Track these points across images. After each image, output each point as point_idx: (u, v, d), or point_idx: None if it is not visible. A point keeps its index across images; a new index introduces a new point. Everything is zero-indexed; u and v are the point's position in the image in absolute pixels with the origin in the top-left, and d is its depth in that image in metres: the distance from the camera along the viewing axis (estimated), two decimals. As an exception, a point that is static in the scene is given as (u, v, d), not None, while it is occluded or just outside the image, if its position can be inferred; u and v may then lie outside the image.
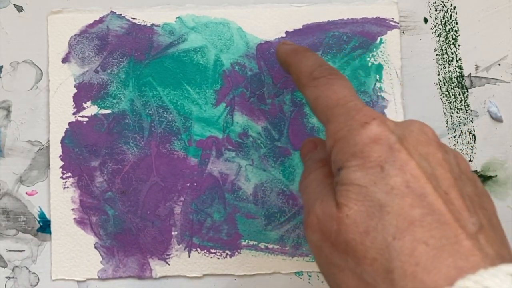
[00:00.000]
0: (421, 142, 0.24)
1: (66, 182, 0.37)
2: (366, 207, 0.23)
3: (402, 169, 0.23)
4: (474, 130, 0.38)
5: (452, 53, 0.38)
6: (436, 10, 0.38)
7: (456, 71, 0.38)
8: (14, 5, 0.38)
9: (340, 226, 0.23)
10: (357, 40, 0.37)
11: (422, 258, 0.21)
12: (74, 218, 0.37)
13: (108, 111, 0.37)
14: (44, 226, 0.37)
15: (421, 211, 0.22)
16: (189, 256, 0.37)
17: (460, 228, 0.22)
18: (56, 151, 0.37)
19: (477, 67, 0.38)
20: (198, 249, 0.37)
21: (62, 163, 0.37)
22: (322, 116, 0.27)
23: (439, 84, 0.38)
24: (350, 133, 0.24)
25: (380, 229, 0.22)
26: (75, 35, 0.38)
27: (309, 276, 0.37)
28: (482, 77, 0.38)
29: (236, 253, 0.37)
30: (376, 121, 0.24)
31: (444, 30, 0.38)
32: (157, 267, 0.37)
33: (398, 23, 0.38)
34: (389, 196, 0.23)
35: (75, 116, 0.37)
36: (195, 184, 0.37)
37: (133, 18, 0.38)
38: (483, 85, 0.38)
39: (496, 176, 0.37)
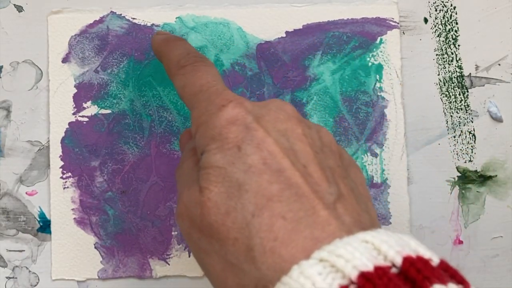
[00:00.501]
0: (280, 119, 0.25)
1: (66, 182, 0.37)
2: (226, 188, 0.23)
3: (259, 147, 0.23)
4: (474, 130, 0.38)
5: (452, 53, 0.38)
6: (436, 10, 0.38)
7: (456, 71, 0.38)
8: (14, 5, 0.38)
9: (203, 210, 0.23)
10: (357, 40, 0.37)
11: (280, 233, 0.22)
12: (74, 218, 0.37)
13: (108, 111, 0.37)
14: (44, 226, 0.37)
15: (278, 186, 0.22)
16: (189, 256, 0.37)
17: (317, 199, 0.22)
18: (56, 151, 0.37)
19: (477, 67, 0.38)
20: (198, 249, 0.37)
21: (62, 163, 0.37)
22: (188, 104, 0.27)
23: (439, 84, 0.38)
24: (209, 117, 0.25)
25: (240, 208, 0.22)
26: (75, 35, 0.38)
27: (309, 276, 0.37)
28: (482, 77, 0.38)
29: (236, 253, 0.37)
30: (233, 103, 0.25)
31: (444, 30, 0.38)
32: (157, 267, 0.37)
33: (398, 23, 0.38)
34: (247, 175, 0.23)
35: (75, 116, 0.37)
36: (195, 184, 0.37)
37: (133, 18, 0.38)
38: (483, 85, 0.38)
39: (496, 176, 0.37)
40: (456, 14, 0.38)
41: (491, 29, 0.38)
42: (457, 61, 0.38)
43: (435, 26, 0.38)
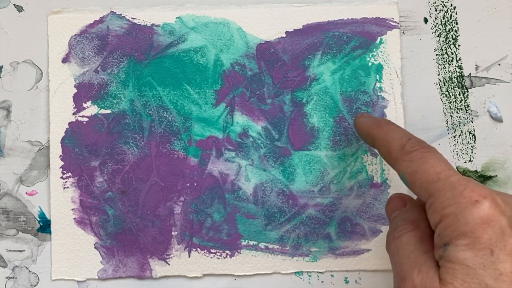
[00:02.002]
0: None
1: (66, 182, 0.37)
2: None
3: None
4: (474, 130, 0.38)
5: (452, 53, 0.38)
6: (436, 10, 0.38)
7: (456, 71, 0.38)
8: (14, 5, 0.38)
9: None
10: (357, 40, 0.37)
11: None
12: (74, 218, 0.37)
13: (108, 111, 0.37)
14: (44, 226, 0.37)
15: None
16: (189, 256, 0.37)
17: None
18: (56, 151, 0.37)
19: (477, 67, 0.38)
20: (198, 249, 0.37)
21: (62, 163, 0.37)
22: (422, 191, 0.27)
23: (439, 84, 0.38)
24: (459, 210, 0.25)
25: None
26: (75, 35, 0.38)
27: (309, 276, 0.37)
28: (482, 77, 0.38)
29: (236, 253, 0.37)
30: (488, 200, 0.24)
31: (444, 30, 0.38)
32: (157, 267, 0.37)
33: (398, 23, 0.38)
34: (497, 283, 0.23)
35: (75, 116, 0.37)
36: (195, 184, 0.37)
37: (133, 18, 0.38)
38: (483, 85, 0.38)
39: (496, 176, 0.37)
40: (456, 14, 0.38)
41: (491, 29, 0.38)
42: (457, 61, 0.38)
43: (435, 26, 0.38)
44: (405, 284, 0.26)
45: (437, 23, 0.38)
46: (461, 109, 0.38)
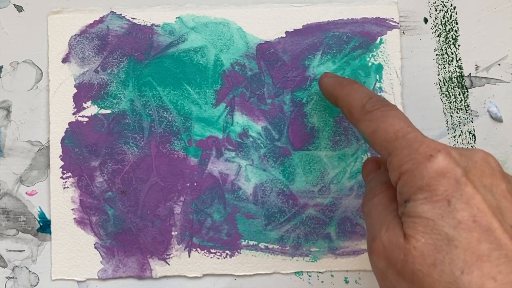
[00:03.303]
0: (486, 173, 0.25)
1: (66, 182, 0.37)
2: (433, 240, 0.24)
3: (469, 203, 0.24)
4: (474, 130, 0.38)
5: (452, 53, 0.38)
6: (436, 10, 0.38)
7: (456, 71, 0.38)
8: (14, 5, 0.38)
9: (407, 257, 0.24)
10: (357, 40, 0.37)
11: None
12: (74, 218, 0.37)
13: (108, 111, 0.37)
14: (44, 226, 0.37)
15: (488, 245, 0.23)
16: (189, 256, 0.37)
17: None
18: (56, 151, 0.37)
19: (477, 67, 0.38)
20: (198, 249, 0.37)
21: (62, 163, 0.37)
22: (382, 150, 0.27)
23: (439, 84, 0.38)
24: (415, 166, 0.25)
25: (448, 263, 0.23)
26: (75, 35, 0.38)
27: (309, 276, 0.37)
28: (482, 77, 0.38)
29: (236, 253, 0.37)
30: (442, 154, 0.25)
31: (444, 30, 0.38)
32: (157, 267, 0.37)
33: (398, 23, 0.38)
34: (457, 230, 0.23)
35: (75, 116, 0.37)
36: (195, 184, 0.37)
37: (133, 18, 0.38)
38: (483, 85, 0.38)
39: (496, 176, 0.37)
40: (456, 14, 0.38)
41: (491, 29, 0.38)
42: (457, 61, 0.38)
43: (435, 26, 0.38)
44: (375, 243, 0.26)
45: (437, 23, 0.38)
46: (461, 109, 0.38)
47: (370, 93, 0.30)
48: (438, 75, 0.38)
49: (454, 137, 0.38)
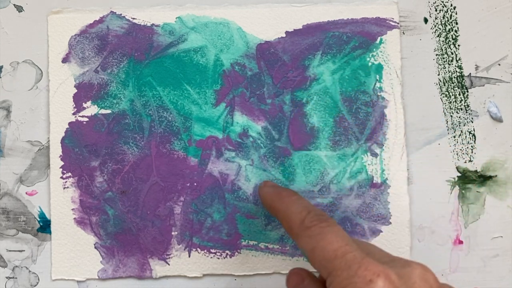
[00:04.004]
0: None
1: (66, 182, 0.37)
2: None
3: None
4: (474, 130, 0.38)
5: (452, 53, 0.38)
6: (436, 10, 0.38)
7: (456, 71, 0.38)
8: (14, 5, 0.38)
9: None
10: (357, 40, 0.37)
11: None
12: (74, 218, 0.37)
13: (108, 111, 0.37)
14: (44, 226, 0.37)
15: None
16: (189, 256, 0.37)
17: None
18: (56, 151, 0.37)
19: (477, 67, 0.38)
20: (198, 249, 0.37)
21: (62, 163, 0.37)
22: (321, 268, 0.27)
23: (439, 84, 0.38)
24: None
25: None
26: (75, 35, 0.38)
27: (309, 276, 0.37)
28: (482, 77, 0.38)
29: (236, 253, 0.37)
30: (381, 279, 0.25)
31: (444, 30, 0.38)
32: (157, 267, 0.37)
33: (398, 23, 0.38)
34: None
35: (75, 116, 0.37)
36: (195, 184, 0.37)
37: (133, 18, 0.38)
38: (483, 85, 0.38)
39: (496, 176, 0.37)
40: (456, 14, 0.38)
41: (491, 29, 0.38)
42: (457, 61, 0.38)
43: (435, 26, 0.38)
44: None
45: (437, 23, 0.38)
46: (461, 109, 0.38)
47: (309, 207, 0.29)
48: (438, 75, 0.38)
49: (454, 137, 0.38)
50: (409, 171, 0.37)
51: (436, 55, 0.38)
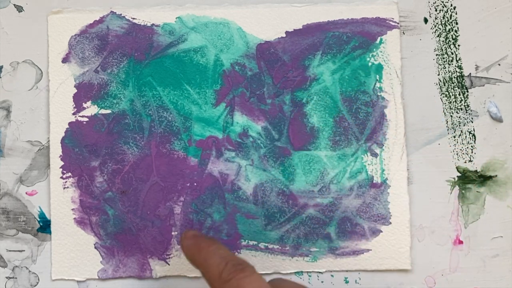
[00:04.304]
0: None
1: (66, 182, 0.37)
2: None
3: None
4: (474, 130, 0.38)
5: (452, 53, 0.38)
6: (436, 10, 0.38)
7: (456, 71, 0.38)
8: (14, 5, 0.38)
9: None
10: (357, 40, 0.37)
11: None
12: (74, 218, 0.37)
13: (108, 111, 0.37)
14: (44, 226, 0.37)
15: None
16: (189, 256, 0.37)
17: None
18: (56, 151, 0.37)
19: (477, 67, 0.38)
20: (198, 249, 0.37)
21: (62, 163, 0.37)
22: None
23: (439, 84, 0.38)
24: None
25: None
26: (75, 35, 0.38)
27: (309, 276, 0.37)
28: (482, 77, 0.38)
29: (236, 253, 0.37)
30: None
31: (444, 30, 0.38)
32: (157, 267, 0.37)
33: (398, 23, 0.38)
34: None
35: (75, 116, 0.37)
36: (195, 184, 0.37)
37: (133, 18, 0.38)
38: (483, 85, 0.38)
39: (496, 176, 0.37)
40: (456, 14, 0.38)
41: (491, 29, 0.38)
42: (457, 61, 0.38)
43: (435, 26, 0.38)
44: None
45: (437, 23, 0.38)
46: (461, 109, 0.38)
47: (227, 257, 0.29)
48: (438, 75, 0.38)
49: (454, 137, 0.38)
50: (409, 171, 0.37)
51: (436, 55, 0.38)
